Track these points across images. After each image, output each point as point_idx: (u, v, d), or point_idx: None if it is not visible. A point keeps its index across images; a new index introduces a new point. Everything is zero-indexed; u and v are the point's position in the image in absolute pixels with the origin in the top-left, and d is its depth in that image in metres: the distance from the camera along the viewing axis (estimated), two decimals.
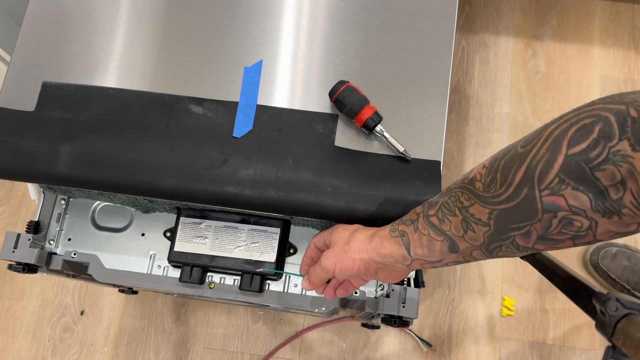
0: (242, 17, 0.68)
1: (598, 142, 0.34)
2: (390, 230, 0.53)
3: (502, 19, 1.38)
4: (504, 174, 0.40)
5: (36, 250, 0.65)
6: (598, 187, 0.35)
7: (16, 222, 1.24)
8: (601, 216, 0.36)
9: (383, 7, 0.67)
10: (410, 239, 0.50)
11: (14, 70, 0.66)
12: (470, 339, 1.16)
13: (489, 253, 0.45)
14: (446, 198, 0.47)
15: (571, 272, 0.49)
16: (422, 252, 0.50)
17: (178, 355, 1.15)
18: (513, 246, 0.42)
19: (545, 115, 1.29)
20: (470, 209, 0.43)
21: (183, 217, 0.68)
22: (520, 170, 0.39)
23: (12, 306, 1.18)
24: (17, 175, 0.62)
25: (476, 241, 0.44)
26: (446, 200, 0.47)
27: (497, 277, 1.19)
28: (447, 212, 0.46)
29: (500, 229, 0.42)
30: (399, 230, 0.52)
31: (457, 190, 0.46)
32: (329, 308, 0.66)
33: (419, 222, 0.50)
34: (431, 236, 0.48)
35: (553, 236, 0.39)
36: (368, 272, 0.54)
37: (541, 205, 0.38)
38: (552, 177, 0.37)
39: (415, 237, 0.50)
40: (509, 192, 0.40)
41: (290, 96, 0.65)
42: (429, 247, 0.49)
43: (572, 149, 0.35)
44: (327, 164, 0.61)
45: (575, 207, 0.36)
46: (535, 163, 0.38)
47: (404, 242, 0.51)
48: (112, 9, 0.68)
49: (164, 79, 0.65)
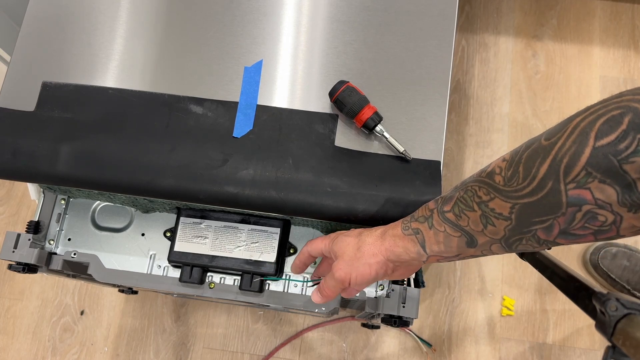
0: (242, 17, 0.68)
1: (627, 133, 0.33)
2: (402, 228, 0.51)
3: (502, 19, 1.38)
4: (527, 167, 0.39)
5: (36, 250, 0.65)
6: (626, 180, 0.34)
7: (16, 222, 1.24)
8: (627, 210, 0.35)
9: (383, 7, 0.67)
10: (425, 236, 0.49)
11: (14, 70, 0.66)
12: (470, 339, 1.16)
13: (508, 247, 0.44)
14: (462, 193, 0.46)
15: (571, 272, 0.49)
16: (438, 248, 0.49)
17: (178, 355, 1.15)
18: (534, 239, 0.41)
19: (545, 115, 1.29)
20: (490, 204, 0.43)
21: (183, 217, 0.68)
22: (545, 164, 0.38)
23: (12, 306, 1.18)
24: (17, 175, 0.62)
25: (496, 235, 0.43)
26: (462, 195, 0.45)
27: (497, 277, 1.19)
28: (464, 208, 0.45)
29: (522, 222, 0.41)
30: (412, 227, 0.50)
31: (474, 185, 0.44)
32: (329, 308, 0.66)
33: (433, 218, 0.48)
34: (447, 232, 0.47)
35: (575, 231, 0.38)
36: (386, 273, 0.53)
37: (566, 199, 0.37)
38: (578, 170, 0.36)
39: (431, 234, 0.49)
40: (532, 185, 0.39)
41: (290, 96, 0.65)
42: (446, 243, 0.48)
43: (600, 141, 0.34)
44: (327, 164, 0.61)
45: (602, 200, 0.36)
46: (561, 156, 0.37)
47: (419, 239, 0.49)
48: (112, 9, 0.68)
49: (164, 79, 0.65)
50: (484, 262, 1.20)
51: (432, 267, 1.20)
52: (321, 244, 0.58)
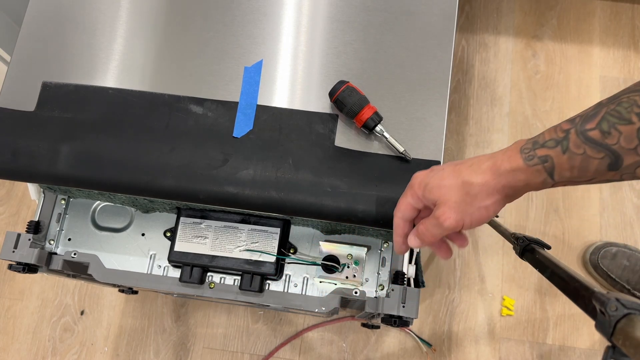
0: (242, 17, 0.68)
1: None
2: (525, 159, 0.46)
3: (502, 19, 1.38)
4: None
5: (36, 250, 0.65)
6: None
7: (16, 222, 1.24)
8: None
9: (383, 7, 0.67)
10: (556, 162, 0.44)
11: (14, 70, 0.66)
12: (470, 339, 1.16)
13: None
14: (614, 106, 0.42)
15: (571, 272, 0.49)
16: (570, 174, 0.44)
17: (178, 355, 1.15)
18: None
19: (545, 115, 1.29)
20: None
21: (183, 217, 0.68)
22: None
23: (12, 306, 1.18)
24: (17, 175, 0.62)
25: None
26: (614, 108, 0.42)
27: (497, 277, 1.19)
28: (616, 122, 0.42)
29: None
30: (539, 156, 0.45)
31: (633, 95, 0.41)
32: (329, 308, 0.66)
33: (570, 140, 0.44)
34: (587, 154, 0.43)
35: None
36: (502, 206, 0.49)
37: None
38: None
39: (564, 159, 0.44)
40: None
41: (290, 96, 0.65)
42: (581, 168, 0.44)
43: None
44: (327, 164, 0.61)
45: None
46: None
47: (546, 168, 0.45)
48: (112, 9, 0.68)
49: (164, 79, 0.65)
50: (484, 262, 1.20)
51: (432, 267, 1.20)
52: (410, 200, 0.51)
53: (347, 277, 0.68)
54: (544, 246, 0.60)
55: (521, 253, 0.60)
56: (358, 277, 0.68)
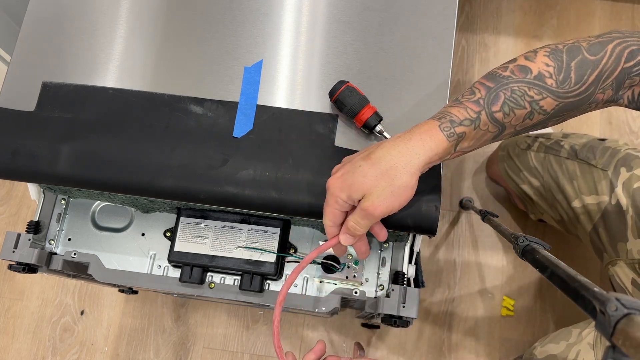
0: (242, 17, 0.68)
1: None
2: (446, 136, 0.50)
3: (502, 19, 1.38)
4: (578, 75, 0.52)
5: (36, 250, 0.65)
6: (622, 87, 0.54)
7: (16, 222, 1.24)
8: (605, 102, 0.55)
9: (383, 7, 0.67)
10: (467, 137, 0.51)
11: (14, 70, 0.66)
12: (470, 339, 1.16)
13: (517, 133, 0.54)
14: (509, 93, 0.51)
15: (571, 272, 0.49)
16: (468, 144, 0.52)
17: (178, 355, 1.15)
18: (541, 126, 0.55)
19: None
20: (541, 102, 0.52)
21: (183, 217, 0.68)
22: (593, 74, 0.52)
23: (12, 306, 1.18)
24: (17, 175, 0.62)
25: (523, 127, 0.53)
26: (510, 95, 0.51)
27: (497, 277, 1.19)
28: (514, 106, 0.51)
29: (555, 116, 0.53)
30: (457, 133, 0.51)
31: (522, 86, 0.51)
32: (329, 308, 0.66)
33: (481, 120, 0.51)
34: (488, 130, 0.52)
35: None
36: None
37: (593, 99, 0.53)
38: (609, 82, 0.53)
39: (472, 135, 0.51)
40: (581, 89, 0.52)
41: (290, 96, 0.65)
42: (478, 139, 0.52)
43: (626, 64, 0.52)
44: (327, 164, 0.61)
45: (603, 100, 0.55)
46: (604, 70, 0.52)
47: (457, 141, 0.51)
48: (112, 9, 0.68)
49: (164, 79, 0.65)
50: (484, 262, 1.20)
51: (432, 267, 1.20)
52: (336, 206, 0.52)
53: (347, 277, 0.68)
54: (544, 246, 0.60)
55: (521, 253, 0.60)
56: (358, 277, 0.68)
